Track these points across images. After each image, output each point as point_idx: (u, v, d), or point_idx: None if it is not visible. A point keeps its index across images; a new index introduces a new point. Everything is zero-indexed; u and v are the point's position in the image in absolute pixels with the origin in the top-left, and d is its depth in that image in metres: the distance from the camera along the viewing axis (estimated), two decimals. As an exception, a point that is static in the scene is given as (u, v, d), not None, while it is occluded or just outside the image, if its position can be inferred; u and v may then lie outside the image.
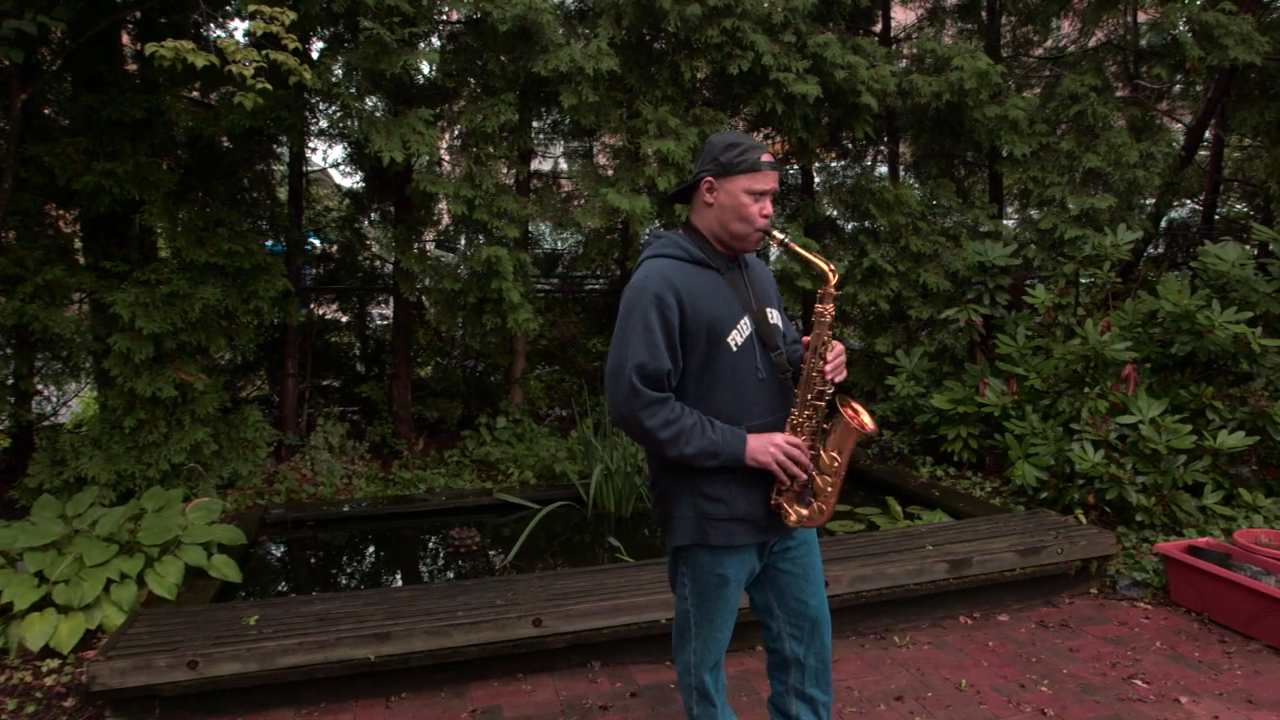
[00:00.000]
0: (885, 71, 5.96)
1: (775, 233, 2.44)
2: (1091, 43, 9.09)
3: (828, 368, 2.40)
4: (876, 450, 6.74)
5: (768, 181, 2.38)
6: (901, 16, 8.59)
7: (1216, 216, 8.74)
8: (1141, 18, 8.34)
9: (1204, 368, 5.29)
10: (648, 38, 5.88)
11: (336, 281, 7.87)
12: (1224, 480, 5.03)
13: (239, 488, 6.00)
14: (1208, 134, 8.39)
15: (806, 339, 2.47)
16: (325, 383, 7.91)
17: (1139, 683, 3.56)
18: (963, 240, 6.57)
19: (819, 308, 2.41)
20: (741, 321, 2.39)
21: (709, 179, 2.39)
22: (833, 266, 2.43)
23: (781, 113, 5.82)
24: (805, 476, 2.39)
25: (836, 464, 2.42)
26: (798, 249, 2.45)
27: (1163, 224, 8.44)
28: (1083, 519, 4.84)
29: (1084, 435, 5.10)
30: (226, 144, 6.36)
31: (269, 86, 3.20)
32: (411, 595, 3.84)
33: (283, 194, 6.99)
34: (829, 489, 2.42)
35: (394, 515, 5.79)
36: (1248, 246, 5.65)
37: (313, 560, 5.21)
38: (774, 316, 2.53)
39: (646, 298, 2.29)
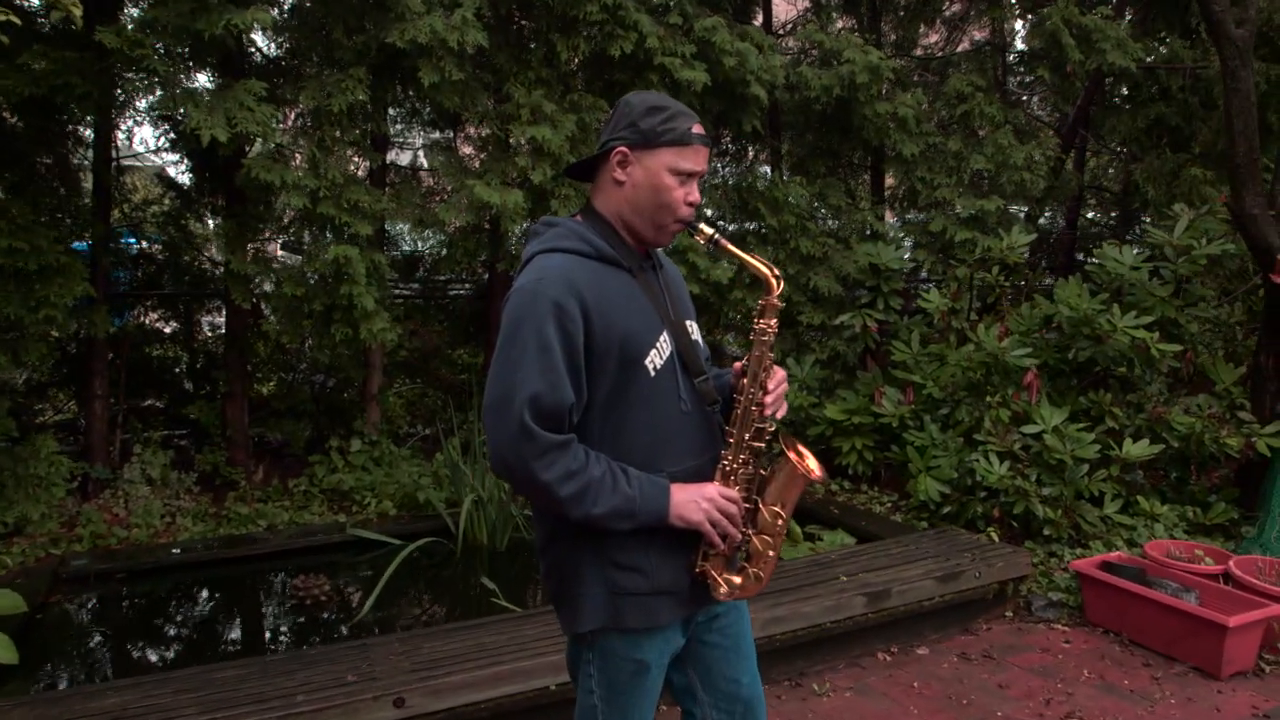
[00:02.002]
0: (775, 61, 5.59)
1: (703, 227, 1.91)
2: (961, 47, 9.15)
3: (768, 399, 1.91)
4: (766, 465, 6.36)
5: (698, 160, 1.86)
6: (779, 14, 8.33)
7: (1080, 222, 8.93)
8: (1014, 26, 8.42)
9: (1100, 374, 5.17)
10: (519, 15, 5.29)
11: (159, 286, 6.83)
12: (1120, 489, 4.91)
13: (28, 535, 4.99)
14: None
15: (738, 364, 1.96)
16: (147, 403, 6.85)
17: (1078, 723, 3.26)
18: (852, 242, 6.29)
19: (760, 323, 1.91)
20: (660, 338, 1.86)
21: (623, 149, 1.84)
22: (777, 271, 1.93)
23: (667, 102, 5.33)
24: (740, 537, 1.89)
25: (779, 521, 1.92)
26: (731, 248, 1.92)
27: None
28: (995, 537, 4.59)
29: (988, 446, 4.86)
30: (15, 122, 5.32)
31: (13, 17, 2.40)
32: (239, 674, 3.09)
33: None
34: (769, 552, 1.92)
35: (226, 560, 4.92)
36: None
37: (120, 625, 4.31)
38: (694, 331, 2.02)
39: (542, 306, 1.72)
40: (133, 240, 6.91)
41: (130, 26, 3.79)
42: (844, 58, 5.74)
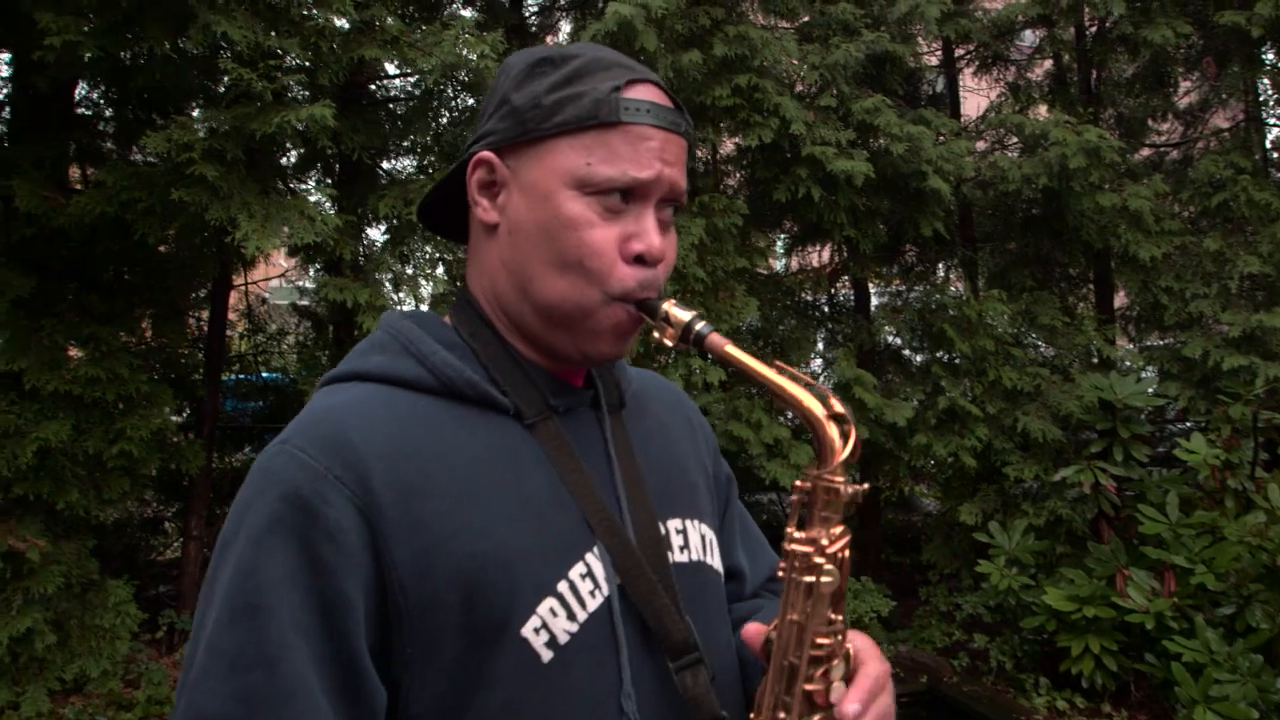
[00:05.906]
0: (962, 148, 4.50)
1: (670, 307, 0.83)
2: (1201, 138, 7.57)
3: None
4: (966, 663, 4.84)
5: (643, 158, 0.80)
6: (970, 110, 7.23)
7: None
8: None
9: None
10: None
11: (284, 419, 6.53)
12: None
13: (86, 693, 4.46)
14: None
15: (755, 629, 0.85)
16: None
17: None
18: (1074, 373, 4.88)
19: (798, 540, 0.80)
20: (572, 571, 0.79)
21: (485, 156, 0.85)
22: (838, 406, 0.81)
23: (820, 200, 4.36)
24: None
25: None
26: (732, 351, 0.80)
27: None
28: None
29: (1309, 676, 3.22)
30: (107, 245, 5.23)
31: None
32: None
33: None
34: None
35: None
36: None
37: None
38: (694, 541, 0.92)
39: (262, 508, 0.73)
40: (269, 375, 6.74)
41: (178, 131, 3.37)
42: (1051, 139, 4.54)
